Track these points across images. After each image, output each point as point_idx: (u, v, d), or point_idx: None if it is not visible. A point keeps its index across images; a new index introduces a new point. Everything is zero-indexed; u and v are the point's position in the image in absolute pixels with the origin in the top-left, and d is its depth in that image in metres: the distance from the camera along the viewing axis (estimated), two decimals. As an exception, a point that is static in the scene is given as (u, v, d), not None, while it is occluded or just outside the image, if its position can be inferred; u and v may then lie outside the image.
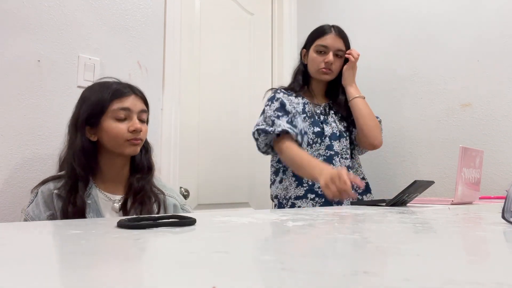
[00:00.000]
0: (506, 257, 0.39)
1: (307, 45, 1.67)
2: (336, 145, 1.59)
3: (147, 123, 1.22)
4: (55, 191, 1.07)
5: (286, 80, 2.21)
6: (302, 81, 1.68)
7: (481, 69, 1.68)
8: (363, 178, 1.65)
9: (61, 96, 1.50)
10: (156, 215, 0.65)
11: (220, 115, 2.07)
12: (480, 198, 1.43)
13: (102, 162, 1.15)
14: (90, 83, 1.57)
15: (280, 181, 1.63)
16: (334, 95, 1.69)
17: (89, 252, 0.39)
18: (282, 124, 1.51)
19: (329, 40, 1.60)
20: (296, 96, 1.64)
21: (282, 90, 1.66)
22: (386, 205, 1.07)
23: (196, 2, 2.01)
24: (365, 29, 2.02)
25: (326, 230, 0.55)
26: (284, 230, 0.54)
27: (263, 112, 1.62)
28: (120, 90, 1.15)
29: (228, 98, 2.10)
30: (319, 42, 1.61)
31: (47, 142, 1.46)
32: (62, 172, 1.14)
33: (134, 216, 0.67)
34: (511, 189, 0.58)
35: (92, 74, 1.58)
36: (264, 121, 1.57)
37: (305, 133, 1.56)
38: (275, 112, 1.56)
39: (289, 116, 1.55)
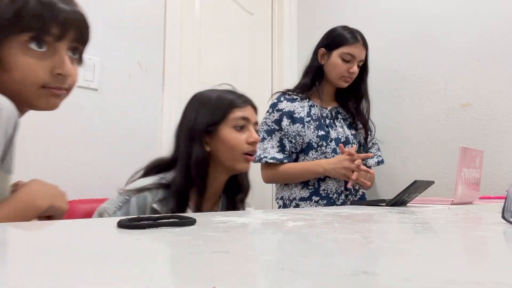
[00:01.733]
0: (506, 257, 0.39)
1: (328, 47, 1.60)
2: (339, 151, 1.58)
3: None
4: (154, 205, 0.95)
5: (286, 80, 2.22)
6: (312, 80, 1.64)
7: (481, 69, 1.68)
8: (359, 189, 1.66)
9: (61, 96, 1.50)
10: (156, 215, 0.65)
11: (220, 115, 2.07)
12: (480, 198, 1.43)
13: (209, 177, 1.02)
14: (90, 83, 1.58)
15: (286, 183, 1.64)
16: (343, 99, 1.68)
17: (89, 252, 0.39)
18: (270, 154, 1.56)
19: (357, 50, 1.57)
20: (301, 99, 1.63)
21: (288, 94, 1.65)
22: (386, 205, 1.07)
23: (196, 2, 2.01)
24: (365, 29, 2.02)
25: (326, 230, 0.55)
26: (284, 230, 0.54)
27: (262, 120, 1.63)
28: (240, 98, 1.07)
29: (228, 98, 2.10)
30: (347, 50, 1.56)
31: (47, 142, 1.46)
32: (155, 179, 0.99)
33: (135, 216, 0.67)
34: (511, 189, 0.58)
35: (92, 74, 1.58)
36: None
37: (292, 151, 1.59)
38: (272, 125, 1.59)
39: (281, 133, 1.58)
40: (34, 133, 1.43)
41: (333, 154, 1.57)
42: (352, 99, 1.67)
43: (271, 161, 1.56)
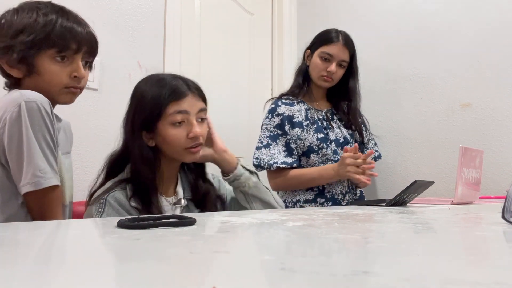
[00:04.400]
0: (506, 257, 0.39)
1: (312, 47, 1.64)
2: (339, 152, 1.58)
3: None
4: (132, 203, 0.96)
5: (286, 81, 2.22)
6: (302, 81, 1.67)
7: (481, 69, 1.68)
8: (357, 186, 1.65)
9: (61, 96, 1.50)
10: (156, 215, 0.65)
11: (220, 115, 2.07)
12: (480, 198, 1.43)
13: (162, 166, 1.03)
14: (90, 83, 1.58)
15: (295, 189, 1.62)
16: (336, 100, 1.67)
17: (89, 252, 0.39)
18: (279, 159, 1.54)
19: (335, 49, 1.57)
20: (298, 103, 1.63)
21: (283, 98, 1.65)
22: (386, 205, 1.07)
23: (196, 2, 2.01)
24: (365, 29, 2.02)
25: (326, 230, 0.55)
26: (284, 230, 0.54)
27: (262, 126, 1.62)
28: (177, 89, 1.01)
29: (228, 97, 2.10)
30: (325, 49, 1.58)
31: (47, 142, 1.46)
32: (119, 179, 1.01)
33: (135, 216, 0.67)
34: (511, 189, 0.58)
35: (92, 74, 1.58)
36: (261, 143, 1.58)
37: (297, 157, 1.58)
38: (274, 130, 1.58)
39: (286, 138, 1.57)
40: (34, 133, 1.43)
41: (334, 155, 1.57)
42: (342, 101, 1.67)
43: (282, 165, 1.53)
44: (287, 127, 1.58)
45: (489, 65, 1.66)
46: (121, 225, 0.53)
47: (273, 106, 1.63)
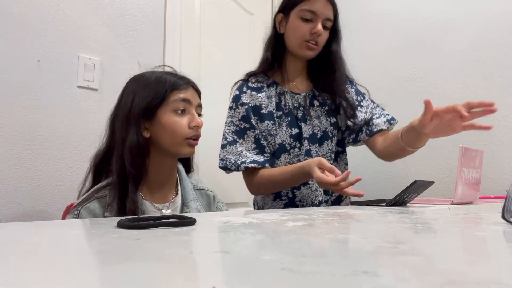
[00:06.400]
0: (506, 257, 0.39)
1: (285, 10, 1.31)
2: (315, 150, 1.32)
3: None
4: (106, 213, 0.90)
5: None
6: (272, 56, 1.35)
7: (481, 69, 1.68)
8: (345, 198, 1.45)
9: (61, 96, 1.50)
10: (156, 215, 0.65)
11: (220, 115, 2.07)
12: (480, 198, 1.43)
13: (151, 165, 0.97)
14: (90, 83, 1.58)
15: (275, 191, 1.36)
16: (318, 75, 1.36)
17: (89, 252, 0.39)
18: (248, 158, 1.27)
19: (319, 5, 1.25)
20: (268, 86, 1.34)
21: (251, 82, 1.36)
22: (386, 205, 1.07)
23: (196, 2, 2.01)
24: (365, 29, 2.02)
25: (326, 230, 0.55)
26: (284, 230, 0.54)
27: (226, 119, 1.35)
28: (181, 79, 1.00)
29: (228, 97, 2.10)
30: (306, 6, 1.25)
31: (47, 142, 1.46)
32: (101, 184, 0.96)
33: (135, 216, 0.67)
34: (511, 189, 0.58)
35: (92, 74, 1.58)
36: (226, 139, 1.32)
37: (273, 152, 1.32)
38: (240, 124, 1.31)
39: (255, 132, 1.29)
40: (33, 132, 1.43)
41: (305, 157, 1.29)
42: (325, 76, 1.34)
43: (252, 165, 1.25)
44: (253, 120, 1.29)
45: (489, 65, 1.66)
46: (121, 225, 0.53)
47: (237, 93, 1.35)
